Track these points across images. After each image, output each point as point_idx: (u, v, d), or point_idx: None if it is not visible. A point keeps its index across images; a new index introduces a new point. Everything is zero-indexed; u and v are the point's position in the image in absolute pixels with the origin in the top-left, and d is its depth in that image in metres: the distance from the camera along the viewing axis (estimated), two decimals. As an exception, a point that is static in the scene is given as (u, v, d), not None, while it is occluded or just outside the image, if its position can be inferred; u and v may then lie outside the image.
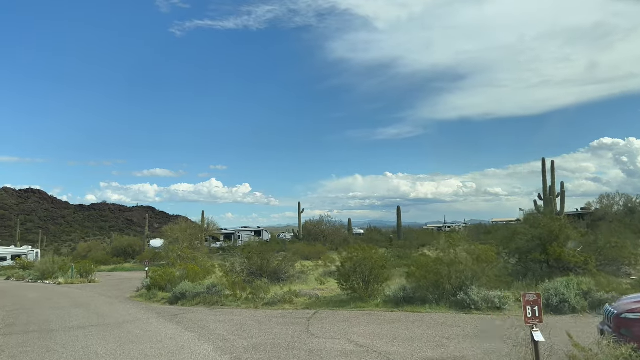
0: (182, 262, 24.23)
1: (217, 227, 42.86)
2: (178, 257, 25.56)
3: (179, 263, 24.16)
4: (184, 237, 41.40)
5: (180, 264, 24.08)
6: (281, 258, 19.04)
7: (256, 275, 18.45)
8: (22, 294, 23.07)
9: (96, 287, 26.82)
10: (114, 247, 59.43)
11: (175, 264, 25.23)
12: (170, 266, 25.61)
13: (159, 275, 20.05)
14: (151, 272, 21.66)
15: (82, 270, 31.59)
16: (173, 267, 25.03)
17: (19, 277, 35.68)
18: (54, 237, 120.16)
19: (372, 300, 13.89)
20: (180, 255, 25.68)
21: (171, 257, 25.81)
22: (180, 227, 43.00)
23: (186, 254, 25.80)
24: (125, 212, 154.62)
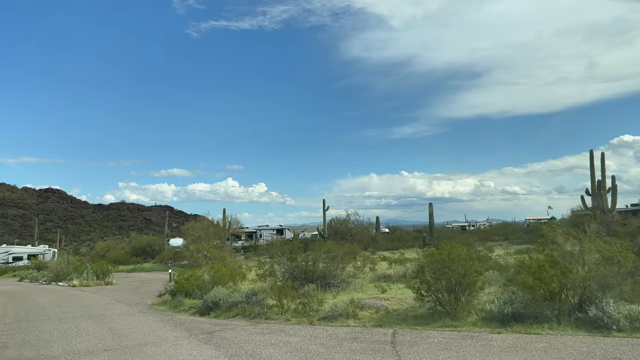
0: (209, 263, 21.13)
1: (240, 225, 39.87)
2: (204, 257, 22.48)
3: (207, 264, 21.06)
4: (207, 236, 38.35)
5: (208, 265, 21.00)
6: (328, 259, 15.74)
7: (301, 280, 15.22)
8: (30, 299, 20.16)
9: (113, 290, 23.88)
10: (132, 247, 56.77)
11: (201, 265, 22.18)
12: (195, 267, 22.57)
13: (186, 279, 16.93)
14: (176, 274, 18.55)
15: (99, 271, 28.71)
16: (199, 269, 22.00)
17: (32, 278, 32.98)
18: (73, 236, 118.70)
19: (466, 317, 10.54)
20: (207, 256, 22.60)
21: (197, 257, 22.74)
22: (202, 224, 40.00)
23: (213, 253, 22.72)
24: (144, 212, 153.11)
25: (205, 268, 21.36)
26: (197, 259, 22.74)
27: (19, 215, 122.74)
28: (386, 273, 17.60)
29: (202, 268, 22.39)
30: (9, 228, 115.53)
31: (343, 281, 15.37)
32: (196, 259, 22.77)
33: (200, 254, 22.95)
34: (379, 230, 51.24)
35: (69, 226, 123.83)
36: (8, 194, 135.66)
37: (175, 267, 38.29)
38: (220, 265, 22.28)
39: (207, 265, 20.99)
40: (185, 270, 17.96)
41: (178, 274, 17.81)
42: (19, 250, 50.75)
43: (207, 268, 21.22)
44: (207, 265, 20.99)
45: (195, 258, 22.87)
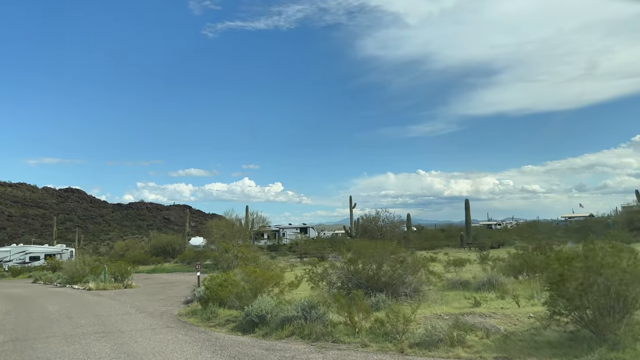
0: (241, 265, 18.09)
1: (266, 222, 36.96)
2: (235, 257, 19.46)
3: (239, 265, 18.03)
4: (231, 234, 35.45)
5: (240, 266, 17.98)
6: (396, 262, 12.48)
7: (364, 288, 12.03)
8: (37, 306, 17.29)
9: (133, 294, 21.00)
10: (152, 246, 54.16)
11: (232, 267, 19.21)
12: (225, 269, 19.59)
13: (219, 285, 13.87)
14: (207, 279, 15.54)
15: (117, 272, 25.89)
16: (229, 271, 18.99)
17: (46, 280, 30.35)
18: (92, 235, 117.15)
19: (632, 344, 7.25)
20: (238, 255, 19.58)
21: (226, 257, 19.72)
22: (227, 222, 37.07)
23: (245, 253, 19.69)
24: (163, 211, 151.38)
25: (238, 270, 18.35)
26: (226, 259, 19.70)
27: (39, 214, 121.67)
28: (462, 279, 14.28)
29: (233, 270, 19.39)
30: (29, 227, 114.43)
31: (415, 289, 12.13)
32: (226, 259, 19.73)
33: (230, 254, 19.91)
34: (411, 228, 47.88)
35: (89, 226, 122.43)
36: (29, 193, 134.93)
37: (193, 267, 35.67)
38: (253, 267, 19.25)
39: (239, 267, 17.98)
40: (219, 274, 14.89)
41: (209, 278, 14.72)
42: (36, 250, 48.43)
43: (239, 270, 18.21)
44: (239, 267, 17.98)
45: (224, 259, 19.83)
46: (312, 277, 12.68)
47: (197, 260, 39.67)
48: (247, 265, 18.84)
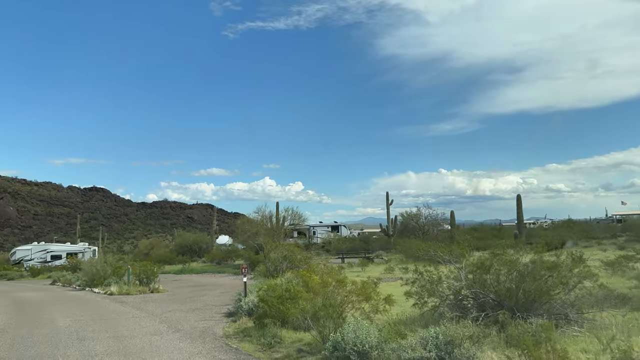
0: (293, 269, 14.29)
1: (303, 219, 33.27)
2: (284, 258, 15.67)
3: (290, 269, 14.24)
4: (265, 232, 31.76)
5: (292, 270, 14.20)
6: (543, 268, 8.42)
7: (500, 307, 8.06)
8: (46, 318, 13.72)
9: (161, 301, 17.39)
10: (178, 245, 50.98)
11: (279, 269, 15.44)
12: (273, 273, 15.84)
13: (278, 298, 10.06)
14: (260, 287, 11.80)
15: (142, 274, 22.39)
16: (278, 276, 15.23)
17: (65, 282, 27.05)
18: (117, 234, 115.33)
19: None
20: (287, 257, 15.78)
21: (273, 258, 15.94)
22: (261, 219, 33.37)
23: (296, 253, 15.90)
24: (186, 210, 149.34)
25: (289, 275, 14.56)
26: (273, 260, 15.90)
27: (64, 213, 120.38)
28: (619, 291, 10.07)
29: (283, 275, 15.63)
30: (55, 226, 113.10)
31: (578, 310, 8.08)
32: (272, 260, 15.92)
33: (278, 254, 16.10)
34: (455, 226, 43.57)
35: (113, 224, 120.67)
36: (54, 192, 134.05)
37: (228, 268, 31.81)
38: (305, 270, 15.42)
39: (291, 271, 14.23)
40: (282, 283, 11.07)
41: (265, 286, 10.91)
42: (58, 249, 45.49)
43: (291, 275, 14.42)
44: (291, 271, 14.23)
45: (271, 260, 16.03)
46: (422, 289, 8.74)
47: (225, 260, 36.27)
48: (297, 269, 15.06)
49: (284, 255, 15.87)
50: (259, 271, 22.31)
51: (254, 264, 29.07)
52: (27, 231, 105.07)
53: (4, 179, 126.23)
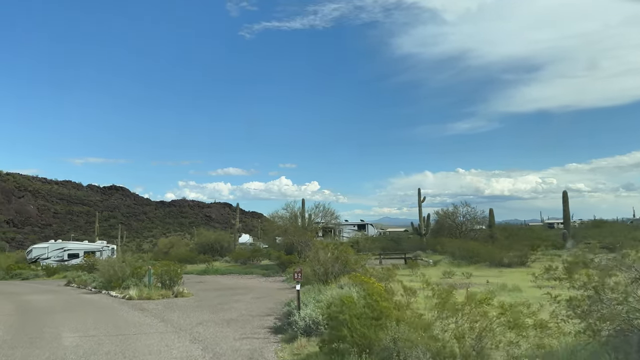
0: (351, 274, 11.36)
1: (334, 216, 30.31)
2: (335, 260, 12.76)
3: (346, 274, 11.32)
4: (295, 230, 28.91)
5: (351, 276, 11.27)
6: None
7: None
8: (49, 334, 11.00)
9: (189, 309, 14.62)
10: (198, 243, 48.46)
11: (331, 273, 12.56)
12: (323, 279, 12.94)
13: (358, 317, 7.12)
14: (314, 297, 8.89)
15: (165, 276, 19.69)
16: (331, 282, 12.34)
17: (80, 283, 24.50)
18: (136, 233, 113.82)
19: None
20: (339, 258, 12.86)
21: (323, 259, 13.02)
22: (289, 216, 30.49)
23: (349, 254, 12.96)
24: (204, 209, 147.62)
25: (346, 281, 11.65)
26: (323, 263, 12.97)
27: (84, 212, 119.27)
28: None
29: (338, 280, 12.71)
30: (74, 224, 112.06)
31: None
32: (322, 263, 12.99)
33: (327, 254, 13.17)
34: (494, 225, 40.17)
35: (132, 223, 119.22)
36: (74, 191, 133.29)
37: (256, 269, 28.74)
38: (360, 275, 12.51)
39: (349, 277, 11.31)
40: (358, 296, 8.11)
41: (340, 300, 7.96)
42: (75, 247, 43.22)
43: (348, 281, 11.52)
44: (349, 277, 11.31)
45: (320, 261, 13.10)
46: (591, 308, 5.70)
47: (251, 260, 33.41)
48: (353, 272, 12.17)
49: (335, 256, 12.92)
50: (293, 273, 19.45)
51: (284, 265, 26.26)
52: (47, 229, 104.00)
53: (25, 178, 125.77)
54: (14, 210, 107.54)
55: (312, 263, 13.51)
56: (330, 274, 12.81)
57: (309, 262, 14.26)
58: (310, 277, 14.50)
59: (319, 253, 13.04)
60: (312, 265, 13.73)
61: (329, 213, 30.08)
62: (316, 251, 12.96)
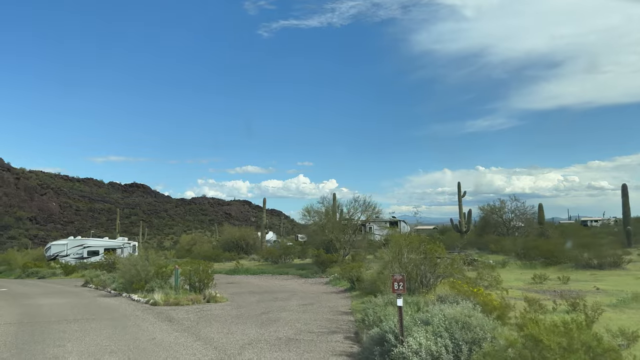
0: (453, 282, 8.21)
1: (376, 210, 27.15)
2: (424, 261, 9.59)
3: (443, 282, 8.15)
4: (334, 227, 25.79)
5: (452, 285, 8.13)
6: None
7: None
8: (50, 357, 8.09)
9: (227, 320, 11.64)
10: (223, 240, 45.75)
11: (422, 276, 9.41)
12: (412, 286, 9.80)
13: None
14: (508, 339, 5.61)
15: (194, 277, 16.77)
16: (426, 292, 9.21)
17: (98, 284, 21.77)
18: (157, 230, 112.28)
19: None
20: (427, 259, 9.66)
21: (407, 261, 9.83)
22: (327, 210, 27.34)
23: (441, 254, 9.76)
24: (224, 206, 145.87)
25: (449, 291, 8.48)
26: (405, 265, 9.77)
27: (105, 209, 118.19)
28: None
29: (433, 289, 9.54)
30: (96, 222, 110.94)
31: None
32: (404, 265, 9.79)
33: (412, 254, 9.98)
34: (544, 222, 36.54)
35: (153, 220, 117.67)
36: (95, 188, 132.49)
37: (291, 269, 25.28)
38: (461, 282, 9.33)
39: (447, 284, 8.17)
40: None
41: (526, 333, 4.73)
42: (95, 244, 40.84)
43: (450, 290, 8.36)
44: (447, 284, 8.17)
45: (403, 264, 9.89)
46: None
47: (283, 258, 30.30)
48: (451, 279, 9.03)
49: (423, 256, 9.72)
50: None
51: (324, 265, 23.21)
52: (69, 226, 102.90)
53: (47, 175, 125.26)
54: (36, 207, 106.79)
55: (390, 265, 10.34)
56: (419, 279, 9.61)
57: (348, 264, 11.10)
58: (376, 283, 11.41)
59: (399, 252, 9.87)
60: (387, 267, 10.59)
61: (370, 207, 26.90)
62: (398, 250, 9.78)
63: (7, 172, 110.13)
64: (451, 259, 9.86)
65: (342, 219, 26.91)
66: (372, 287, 12.23)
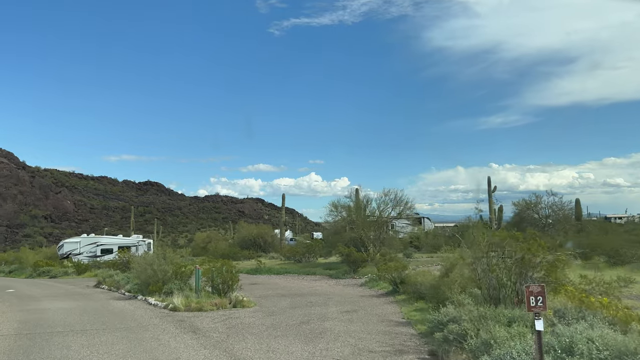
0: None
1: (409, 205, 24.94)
2: (521, 262, 7.43)
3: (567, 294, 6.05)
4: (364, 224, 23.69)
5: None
6: None
7: None
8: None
9: (261, 330, 9.64)
10: (240, 238, 43.90)
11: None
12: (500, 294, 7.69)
13: None
14: None
15: (217, 279, 14.81)
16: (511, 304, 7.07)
17: (111, 285, 19.93)
18: (171, 228, 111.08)
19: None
20: (526, 259, 7.52)
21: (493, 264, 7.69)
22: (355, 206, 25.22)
23: (544, 253, 7.56)
24: (237, 204, 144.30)
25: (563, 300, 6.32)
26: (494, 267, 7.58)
27: (119, 207, 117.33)
28: None
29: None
30: (110, 220, 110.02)
31: None
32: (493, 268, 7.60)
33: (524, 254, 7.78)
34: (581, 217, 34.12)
35: (167, 218, 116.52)
36: (110, 186, 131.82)
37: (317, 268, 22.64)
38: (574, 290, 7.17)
39: (565, 295, 6.07)
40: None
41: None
42: (109, 241, 39.21)
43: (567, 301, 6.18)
44: (565, 295, 6.07)
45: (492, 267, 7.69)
46: None
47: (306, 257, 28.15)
48: (562, 287, 6.89)
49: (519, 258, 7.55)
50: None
51: (355, 264, 21.14)
52: (84, 225, 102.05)
53: (62, 174, 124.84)
54: (51, 205, 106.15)
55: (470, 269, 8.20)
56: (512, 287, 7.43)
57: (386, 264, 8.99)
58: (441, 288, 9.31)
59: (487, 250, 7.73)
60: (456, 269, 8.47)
61: (402, 202, 24.78)
62: (486, 249, 7.65)
63: (22, 170, 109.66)
64: (554, 259, 7.68)
65: (372, 215, 24.79)
66: (433, 292, 10.13)
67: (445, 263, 10.24)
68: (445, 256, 10.31)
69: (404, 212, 26.76)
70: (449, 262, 9.93)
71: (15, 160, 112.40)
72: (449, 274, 9.74)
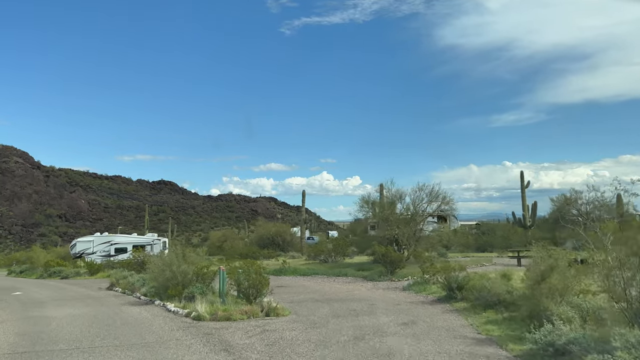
0: None
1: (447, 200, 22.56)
2: None
3: None
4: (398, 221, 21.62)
5: None
6: None
7: None
8: None
9: (308, 349, 7.62)
10: (258, 236, 42.04)
11: None
12: None
13: None
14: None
15: (245, 283, 12.84)
16: None
17: (125, 287, 18.08)
18: (184, 227, 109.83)
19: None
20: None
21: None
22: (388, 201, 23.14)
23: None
24: (250, 203, 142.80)
25: None
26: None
27: (133, 206, 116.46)
28: None
29: None
30: (124, 219, 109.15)
31: None
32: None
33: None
34: (623, 214, 31.64)
35: (181, 217, 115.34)
36: (124, 186, 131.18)
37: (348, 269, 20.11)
38: None
39: None
40: None
41: None
42: (123, 240, 37.56)
43: None
44: None
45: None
46: None
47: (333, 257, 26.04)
48: None
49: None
50: (432, 279, 12.26)
51: (393, 264, 19.04)
52: (98, 224, 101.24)
53: (76, 173, 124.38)
54: (66, 204, 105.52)
55: (606, 274, 6.15)
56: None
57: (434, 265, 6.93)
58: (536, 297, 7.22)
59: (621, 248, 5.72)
60: (601, 279, 6.40)
61: (441, 197, 22.68)
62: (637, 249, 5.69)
63: (37, 169, 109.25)
64: None
65: (406, 211, 22.69)
66: (524, 302, 8.02)
67: (537, 266, 8.13)
68: (538, 257, 8.23)
69: (441, 208, 24.58)
70: (544, 264, 7.84)
71: (30, 160, 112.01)
72: (545, 280, 7.65)
